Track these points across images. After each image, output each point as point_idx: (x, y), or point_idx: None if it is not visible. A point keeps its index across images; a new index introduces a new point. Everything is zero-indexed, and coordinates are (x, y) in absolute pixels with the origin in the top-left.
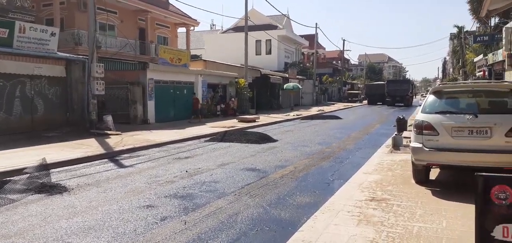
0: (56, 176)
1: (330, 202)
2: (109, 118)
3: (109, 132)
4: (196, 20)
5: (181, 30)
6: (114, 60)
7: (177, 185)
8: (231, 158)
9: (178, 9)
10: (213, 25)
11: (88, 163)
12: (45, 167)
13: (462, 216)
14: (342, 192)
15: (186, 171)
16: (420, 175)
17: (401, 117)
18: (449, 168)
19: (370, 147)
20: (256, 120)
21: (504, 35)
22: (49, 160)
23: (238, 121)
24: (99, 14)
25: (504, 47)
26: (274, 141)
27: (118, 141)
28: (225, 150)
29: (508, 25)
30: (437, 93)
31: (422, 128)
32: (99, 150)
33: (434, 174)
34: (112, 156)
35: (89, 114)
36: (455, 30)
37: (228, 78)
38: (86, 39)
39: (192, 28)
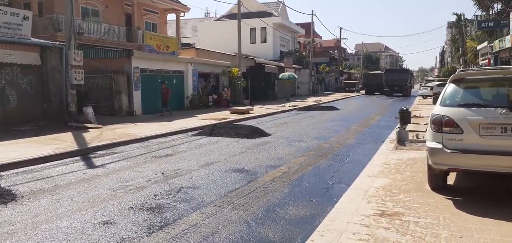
0: (10, 180)
1: (330, 219)
2: (89, 110)
3: (89, 125)
4: (186, 6)
5: (172, 17)
6: (97, 47)
7: (148, 192)
8: (217, 156)
9: None
10: (208, 13)
11: (56, 162)
12: None
13: (500, 240)
14: (344, 203)
15: (163, 173)
16: (438, 181)
17: (404, 108)
18: (476, 173)
19: (372, 142)
20: (250, 111)
21: None
22: (11, 158)
23: (231, 112)
24: None
25: None
26: (267, 135)
27: (97, 135)
28: (212, 145)
29: None
30: (459, 81)
31: (442, 124)
32: (72, 146)
33: (451, 177)
34: (85, 153)
35: (67, 106)
36: (453, 18)
37: (220, 67)
38: None
39: (182, 14)
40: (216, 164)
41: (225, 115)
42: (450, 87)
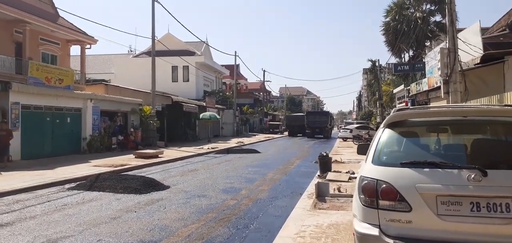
0: None
1: None
2: None
3: None
4: (93, 37)
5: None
6: None
7: None
8: (72, 227)
9: (71, 23)
10: (131, 50)
11: None
12: None
13: None
14: None
15: None
16: None
17: (324, 154)
18: None
19: (289, 195)
20: (159, 155)
21: (439, 58)
22: None
23: (135, 157)
24: None
25: (440, 72)
26: (164, 188)
27: None
28: (79, 207)
29: (442, 46)
30: (398, 126)
31: (377, 195)
32: None
33: None
34: None
35: None
36: (368, 65)
37: (129, 105)
38: None
39: (88, 46)
40: (60, 242)
41: (127, 160)
42: (385, 135)
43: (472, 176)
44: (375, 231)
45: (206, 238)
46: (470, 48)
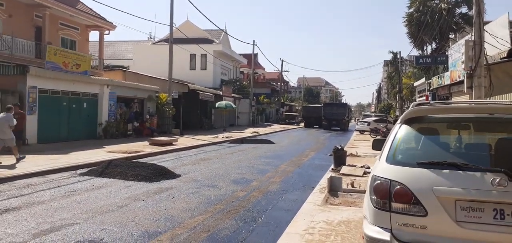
0: None
1: None
2: None
3: None
4: (112, 23)
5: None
6: None
7: None
8: (78, 213)
9: (91, 9)
10: (151, 37)
11: None
12: None
13: None
14: None
15: None
16: None
17: (339, 147)
18: None
19: (300, 189)
20: (173, 143)
21: (464, 51)
22: None
23: (150, 144)
24: None
25: (464, 65)
26: (175, 177)
27: None
28: (88, 193)
29: (467, 38)
30: (416, 122)
31: (390, 197)
32: None
33: None
34: None
35: None
36: (389, 57)
37: (146, 91)
38: None
39: (107, 32)
40: (64, 230)
41: (141, 147)
42: (402, 132)
43: (497, 180)
44: (386, 236)
45: (211, 231)
46: (497, 41)
